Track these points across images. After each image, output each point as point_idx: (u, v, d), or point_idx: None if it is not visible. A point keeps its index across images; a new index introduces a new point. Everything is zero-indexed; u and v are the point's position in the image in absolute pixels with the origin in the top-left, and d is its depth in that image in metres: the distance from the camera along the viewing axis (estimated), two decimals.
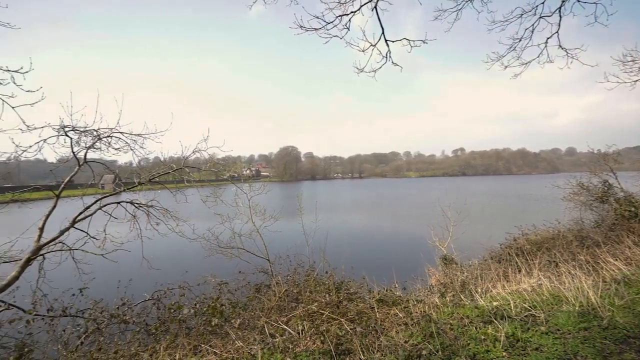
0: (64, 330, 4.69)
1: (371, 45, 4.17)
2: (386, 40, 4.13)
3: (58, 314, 4.83)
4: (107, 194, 5.95)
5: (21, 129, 4.85)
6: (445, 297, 5.55)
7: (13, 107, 4.55)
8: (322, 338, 4.05)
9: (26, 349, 4.04)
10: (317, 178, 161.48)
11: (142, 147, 6.23)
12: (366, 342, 3.87)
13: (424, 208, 33.46)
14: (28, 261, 4.92)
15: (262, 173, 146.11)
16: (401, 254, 15.87)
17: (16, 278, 4.71)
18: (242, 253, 6.83)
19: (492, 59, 5.58)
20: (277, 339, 4.20)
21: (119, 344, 4.51)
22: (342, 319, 4.45)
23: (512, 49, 5.29)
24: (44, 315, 4.72)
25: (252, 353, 3.92)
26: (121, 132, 6.01)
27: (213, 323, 4.62)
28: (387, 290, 5.88)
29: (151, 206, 6.23)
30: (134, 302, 5.36)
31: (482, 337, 3.67)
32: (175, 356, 4.01)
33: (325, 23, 3.86)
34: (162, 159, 6.88)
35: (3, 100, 4.42)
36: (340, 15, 3.98)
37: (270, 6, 4.47)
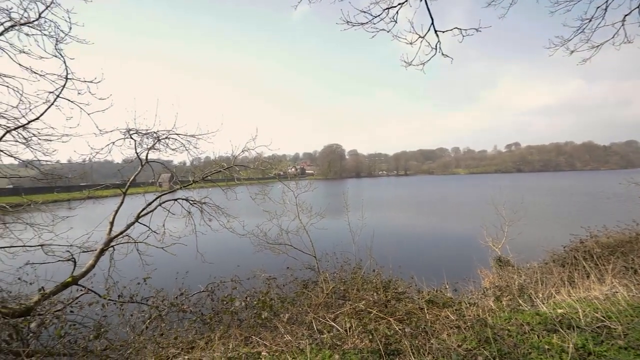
0: (131, 315, 5.15)
1: (419, 37, 4.02)
2: (436, 31, 3.96)
3: (126, 300, 5.33)
4: (165, 192, 6.44)
5: (95, 133, 5.42)
6: (501, 301, 5.21)
7: (89, 114, 5.10)
8: (370, 337, 4.01)
9: (102, 329, 4.52)
10: (361, 176, 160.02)
11: (195, 147, 6.63)
12: (416, 344, 3.76)
13: (475, 206, 31.73)
14: (102, 251, 5.50)
15: (306, 171, 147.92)
16: (451, 254, 15.20)
17: (93, 266, 5.29)
18: (289, 249, 6.98)
19: (555, 44, 5.10)
20: (325, 335, 4.23)
21: (178, 330, 4.85)
22: (391, 319, 4.37)
23: (580, 30, 4.79)
24: (115, 301, 5.24)
25: (301, 348, 3.99)
26: (177, 134, 6.44)
27: (263, 316, 4.78)
28: (436, 291, 5.67)
29: (204, 203, 6.62)
30: (191, 292, 5.73)
31: (546, 346, 3.38)
32: (228, 345, 4.20)
33: (371, 17, 3.79)
34: (213, 158, 7.25)
35: (81, 108, 4.98)
36: (387, 8, 3.88)
37: (314, 5, 4.49)
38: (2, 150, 5.28)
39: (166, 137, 6.23)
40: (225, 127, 6.90)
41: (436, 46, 4.00)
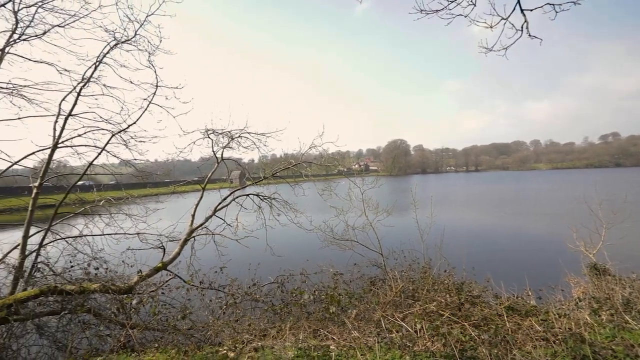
0: (210, 300, 5.62)
1: (502, 18, 3.66)
2: (522, 10, 3.56)
3: (206, 286, 5.83)
4: (238, 188, 6.90)
5: (179, 134, 6.03)
6: (600, 315, 4.54)
7: (174, 117, 5.69)
8: (443, 340, 3.81)
9: (187, 311, 5.02)
10: (427, 172, 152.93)
11: (265, 145, 6.97)
12: (496, 353, 3.46)
13: (562, 205, 28.24)
14: (185, 241, 6.11)
15: (370, 167, 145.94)
16: (533, 257, 13.72)
17: (178, 254, 5.92)
18: (356, 246, 6.95)
19: None
20: (394, 335, 4.13)
21: (251, 318, 5.14)
22: (465, 323, 4.10)
23: None
24: (197, 286, 5.78)
25: (369, 345, 3.95)
26: (248, 132, 6.83)
27: (331, 311, 4.84)
28: (517, 298, 5.17)
29: (273, 198, 6.92)
30: (262, 283, 6.05)
31: None
32: (298, 336, 4.34)
33: (447, 2, 3.55)
34: (279, 156, 7.56)
35: (168, 112, 5.59)
36: None
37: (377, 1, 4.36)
38: (108, 151, 6.15)
39: (239, 136, 6.68)
40: (290, 124, 7.16)
41: (522, 27, 3.60)
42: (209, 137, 6.55)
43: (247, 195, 6.97)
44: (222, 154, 6.82)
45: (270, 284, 6.05)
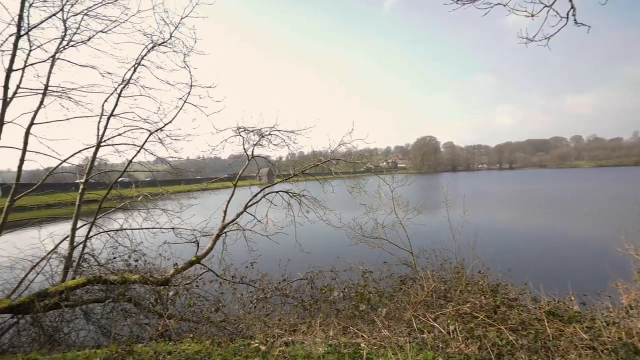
0: (241, 294, 5.75)
1: (545, 6, 3.45)
2: None
3: (237, 280, 5.99)
4: (269, 185, 7.01)
5: (211, 132, 6.22)
6: None
7: (207, 115, 5.88)
8: (478, 343, 3.67)
9: (220, 304, 5.17)
10: (458, 169, 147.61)
11: (294, 143, 7.03)
12: None
13: (608, 206, 26.39)
14: (217, 236, 6.30)
15: (398, 165, 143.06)
16: (575, 260, 12.92)
17: (211, 249, 6.12)
18: (385, 244, 6.87)
19: None
20: (426, 335, 4.04)
21: (281, 313, 5.21)
22: (502, 326, 3.93)
23: None
24: (229, 280, 5.94)
25: (400, 345, 3.88)
26: (278, 130, 6.92)
27: (360, 308, 4.81)
28: (558, 302, 4.88)
29: (303, 196, 6.98)
30: (292, 279, 6.11)
31: None
32: (328, 333, 4.35)
33: None
34: (309, 153, 7.61)
35: (201, 111, 5.78)
36: None
37: None
38: (146, 149, 6.45)
39: (269, 134, 6.79)
40: (319, 122, 7.18)
41: (568, 14, 3.38)
42: (240, 135, 6.72)
43: (277, 192, 7.07)
44: (252, 152, 6.98)
45: (300, 280, 6.10)
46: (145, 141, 6.45)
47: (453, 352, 3.61)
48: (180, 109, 6.30)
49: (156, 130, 6.37)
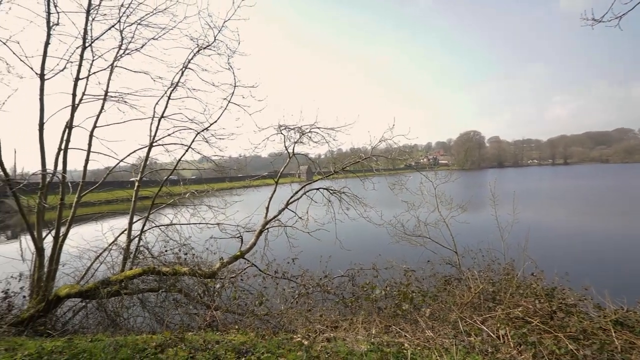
0: (283, 289, 5.87)
1: None
2: None
3: (280, 276, 6.13)
4: (310, 182, 7.08)
5: (254, 131, 6.42)
6: None
7: (250, 114, 6.07)
8: (532, 351, 3.45)
9: (263, 298, 5.33)
10: (504, 165, 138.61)
11: (334, 140, 7.04)
12: None
13: None
14: (260, 232, 6.49)
15: (440, 161, 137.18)
16: None
17: (254, 244, 6.33)
18: (427, 242, 6.67)
19: None
20: (473, 339, 3.87)
21: (323, 309, 5.25)
22: (560, 334, 3.65)
23: None
24: (272, 275, 6.10)
25: (445, 347, 3.75)
26: (318, 127, 6.96)
27: (403, 308, 4.71)
28: (628, 311, 4.42)
29: (343, 192, 6.96)
30: (333, 275, 6.14)
31: None
32: (370, 331, 4.31)
33: None
34: (347, 150, 7.56)
35: (244, 110, 5.98)
36: None
37: None
38: (193, 148, 6.79)
39: (309, 131, 6.85)
40: (359, 118, 7.12)
41: None
42: (281, 133, 6.86)
43: (317, 189, 7.12)
44: (293, 149, 7.09)
45: (341, 277, 6.11)
46: (193, 141, 6.81)
47: (504, 358, 3.43)
48: (225, 108, 6.57)
49: (202, 130, 6.70)
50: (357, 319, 4.65)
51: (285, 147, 7.04)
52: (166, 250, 6.39)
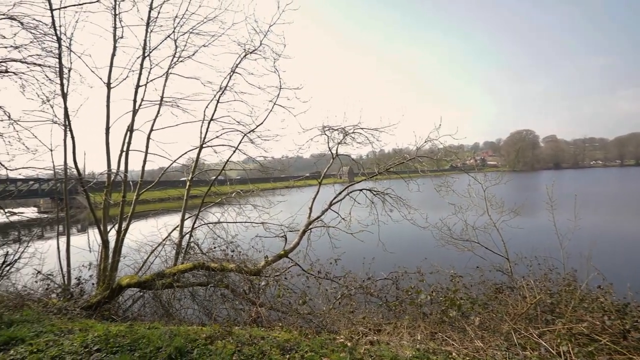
0: (326, 289, 5.90)
1: None
2: None
3: (322, 276, 6.16)
4: (352, 183, 7.05)
5: (298, 132, 6.54)
6: None
7: (294, 116, 6.19)
8: None
9: (306, 297, 5.39)
10: (562, 167, 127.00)
11: (378, 140, 6.95)
12: None
13: None
14: (304, 232, 6.59)
15: (488, 162, 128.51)
16: None
17: (297, 243, 6.44)
18: (476, 247, 6.33)
19: None
20: (529, 353, 3.61)
21: (366, 311, 5.20)
22: (635, 357, 3.29)
23: None
24: (315, 275, 6.15)
25: (496, 359, 3.54)
26: (362, 128, 6.92)
27: (450, 314, 4.53)
28: None
29: (386, 194, 6.85)
30: (376, 278, 6.05)
31: None
32: (415, 336, 4.19)
33: None
34: (390, 151, 7.42)
35: (289, 111, 6.11)
36: None
37: None
38: (239, 150, 7.07)
39: (352, 132, 6.84)
40: (403, 119, 6.96)
41: None
42: (325, 134, 6.92)
43: (360, 190, 7.06)
44: (336, 150, 7.10)
45: (384, 280, 6.01)
46: (240, 142, 7.09)
47: None
48: (270, 110, 6.78)
49: (249, 132, 6.95)
50: (402, 324, 4.54)
51: (329, 147, 7.09)
52: (214, 247, 6.71)
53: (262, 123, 6.85)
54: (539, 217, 7.18)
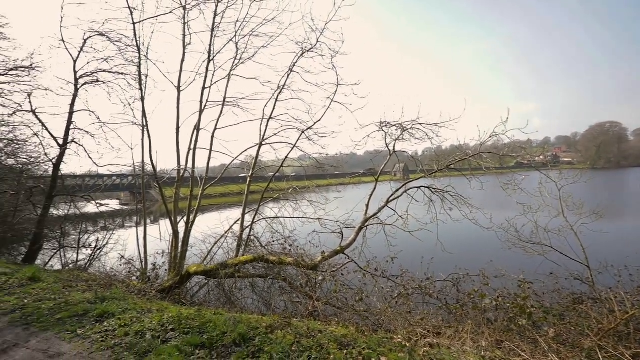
0: (382, 288, 5.82)
1: None
2: None
3: (379, 274, 6.08)
4: (410, 180, 6.85)
5: (355, 128, 6.53)
6: None
7: (352, 112, 6.19)
8: None
9: (363, 294, 5.37)
10: None
11: (437, 136, 6.65)
12: None
13: None
14: (360, 229, 6.57)
15: (561, 159, 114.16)
16: None
17: (354, 240, 6.45)
18: (548, 252, 5.77)
19: None
20: None
21: (424, 312, 5.03)
22: None
23: None
24: (372, 273, 6.10)
25: None
26: (420, 123, 6.67)
27: (519, 323, 4.20)
28: None
29: (446, 192, 6.53)
30: (434, 278, 5.81)
31: None
32: (479, 343, 3.96)
33: None
34: (450, 146, 7.06)
35: (346, 108, 6.13)
36: None
37: None
38: (297, 147, 7.27)
39: (410, 127, 6.63)
40: (465, 112, 6.57)
41: None
42: (382, 130, 6.81)
43: (419, 187, 6.82)
44: (394, 146, 6.95)
45: (444, 281, 5.75)
46: (298, 139, 7.29)
47: None
48: (328, 107, 6.86)
49: (307, 129, 7.11)
50: (464, 328, 4.33)
51: (386, 144, 6.96)
52: (273, 241, 6.98)
53: (319, 120, 6.96)
54: (629, 221, 6.33)
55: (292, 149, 7.37)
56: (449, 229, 6.68)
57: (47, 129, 8.66)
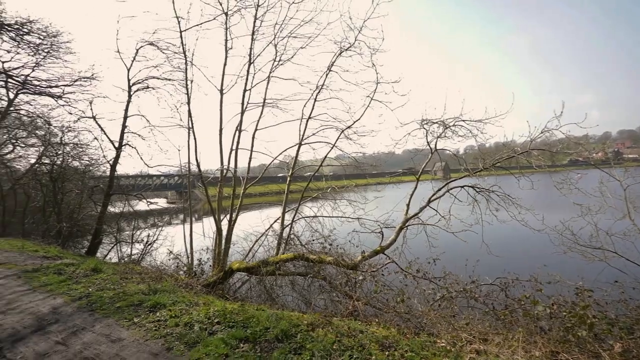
0: (424, 289, 5.65)
1: None
2: None
3: (420, 275, 5.91)
4: (453, 179, 6.58)
5: (395, 127, 6.41)
6: None
7: (392, 110, 6.09)
8: None
9: (404, 296, 5.26)
10: None
11: (482, 133, 6.34)
12: None
13: None
14: (400, 229, 6.44)
15: (624, 155, 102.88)
16: None
17: (394, 240, 6.34)
18: (611, 257, 5.26)
19: None
20: None
21: (469, 317, 4.81)
22: None
23: None
24: (414, 275, 5.95)
25: None
26: (463, 120, 6.40)
27: (579, 334, 3.88)
28: None
29: (492, 191, 6.21)
30: (481, 282, 5.53)
31: None
32: (532, 353, 3.72)
33: None
34: (495, 144, 6.70)
35: (386, 106, 6.04)
36: None
37: None
38: (336, 146, 7.29)
39: (453, 124, 6.38)
40: (513, 108, 6.19)
41: None
42: (424, 127, 6.61)
43: (462, 187, 6.54)
44: (435, 144, 6.72)
45: (491, 285, 5.46)
46: (337, 138, 7.32)
47: None
48: (368, 106, 6.82)
49: (346, 128, 7.11)
50: (514, 336, 4.08)
51: (427, 142, 6.75)
52: (312, 240, 7.06)
53: (359, 119, 6.93)
54: None
55: (332, 148, 7.41)
56: (495, 230, 6.35)
57: (105, 133, 9.48)
